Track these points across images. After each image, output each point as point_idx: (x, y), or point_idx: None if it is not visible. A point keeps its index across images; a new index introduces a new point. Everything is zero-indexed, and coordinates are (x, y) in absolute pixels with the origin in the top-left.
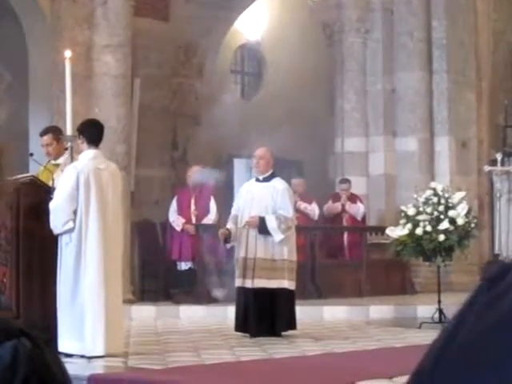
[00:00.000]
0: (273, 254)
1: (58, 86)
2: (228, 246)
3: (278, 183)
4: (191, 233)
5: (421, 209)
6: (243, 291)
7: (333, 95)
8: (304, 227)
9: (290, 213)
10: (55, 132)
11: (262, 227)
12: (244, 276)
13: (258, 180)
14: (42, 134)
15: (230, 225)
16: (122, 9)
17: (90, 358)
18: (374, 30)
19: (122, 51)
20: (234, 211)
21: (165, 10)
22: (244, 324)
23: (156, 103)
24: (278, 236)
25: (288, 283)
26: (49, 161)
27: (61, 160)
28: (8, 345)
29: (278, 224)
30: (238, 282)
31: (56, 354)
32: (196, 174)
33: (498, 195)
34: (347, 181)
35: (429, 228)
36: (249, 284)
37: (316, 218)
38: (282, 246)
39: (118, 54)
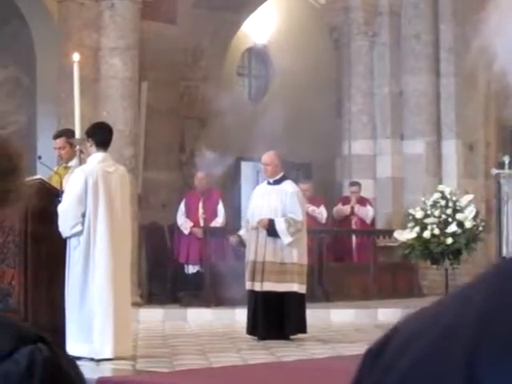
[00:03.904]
0: (282, 258)
1: (65, 88)
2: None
3: (288, 186)
4: (199, 236)
5: (428, 212)
6: (253, 294)
7: (340, 98)
8: (311, 230)
9: (299, 216)
10: (69, 135)
11: (271, 229)
12: (253, 279)
13: (269, 183)
14: (56, 136)
15: (242, 231)
16: (129, 12)
17: (98, 360)
18: (381, 33)
19: (130, 54)
20: (247, 215)
21: (172, 14)
22: (254, 327)
23: (163, 106)
24: (286, 239)
25: (298, 287)
26: (61, 164)
27: (72, 163)
28: (24, 350)
29: (287, 227)
30: (247, 285)
31: (73, 359)
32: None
33: (505, 198)
34: (357, 183)
35: (436, 231)
36: (258, 287)
37: (324, 221)
38: (291, 250)
39: (126, 57)
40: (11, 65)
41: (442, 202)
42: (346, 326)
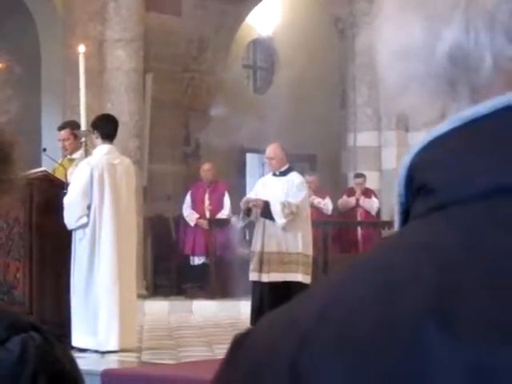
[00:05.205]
0: (287, 248)
1: (70, 80)
2: (242, 222)
3: (295, 177)
4: (205, 228)
5: None
6: (259, 285)
7: (345, 90)
8: (317, 222)
9: (297, 200)
10: (73, 127)
11: (265, 211)
12: (260, 270)
13: (274, 174)
14: (60, 128)
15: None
16: (134, 3)
17: (103, 352)
18: None
19: (134, 46)
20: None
21: (177, 5)
22: (258, 318)
23: (168, 98)
24: (280, 220)
25: (302, 277)
26: (65, 156)
27: (77, 155)
28: (17, 339)
29: (282, 208)
30: (253, 276)
31: (67, 349)
32: None
33: None
34: (362, 175)
35: None
36: (265, 278)
37: (329, 212)
38: (296, 240)
39: (130, 48)
40: (14, 55)
41: None
42: None
